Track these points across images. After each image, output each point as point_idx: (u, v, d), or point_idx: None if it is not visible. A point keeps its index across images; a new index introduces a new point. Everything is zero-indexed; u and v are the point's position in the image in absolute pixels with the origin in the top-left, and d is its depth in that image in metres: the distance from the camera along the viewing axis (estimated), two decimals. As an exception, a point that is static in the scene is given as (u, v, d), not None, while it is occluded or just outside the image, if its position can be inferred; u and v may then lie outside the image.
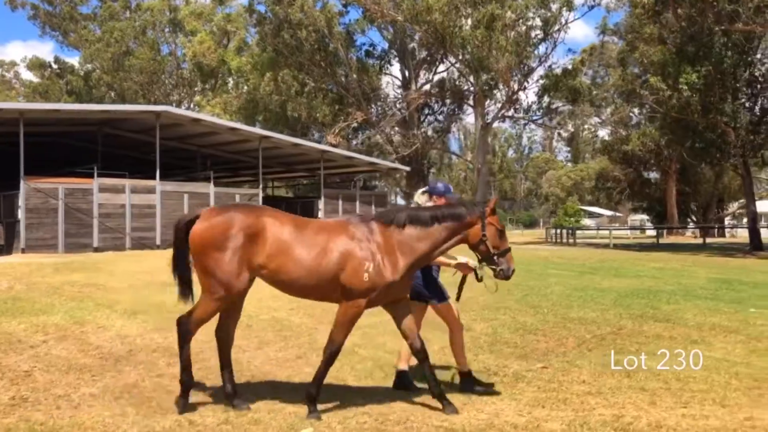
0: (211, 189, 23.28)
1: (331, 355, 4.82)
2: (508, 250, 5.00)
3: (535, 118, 39.02)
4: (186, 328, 4.80)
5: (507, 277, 4.98)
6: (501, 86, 34.06)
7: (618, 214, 74.66)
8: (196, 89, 48.59)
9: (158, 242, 21.12)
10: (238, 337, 5.44)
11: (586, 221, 65.26)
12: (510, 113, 38.59)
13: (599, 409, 4.87)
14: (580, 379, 5.80)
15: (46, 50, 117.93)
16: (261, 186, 26.10)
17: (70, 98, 51.90)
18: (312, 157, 27.35)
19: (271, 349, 6.96)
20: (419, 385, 5.42)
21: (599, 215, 73.48)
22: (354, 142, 36.63)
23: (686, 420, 4.59)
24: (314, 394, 4.77)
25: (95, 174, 20.67)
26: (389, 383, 5.63)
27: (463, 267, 5.39)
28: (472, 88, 37.37)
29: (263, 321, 8.28)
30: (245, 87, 38.51)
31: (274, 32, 35.01)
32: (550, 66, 36.11)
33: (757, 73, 28.50)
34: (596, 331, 7.95)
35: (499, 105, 36.85)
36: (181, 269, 4.93)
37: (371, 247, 4.75)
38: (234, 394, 4.96)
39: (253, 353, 6.77)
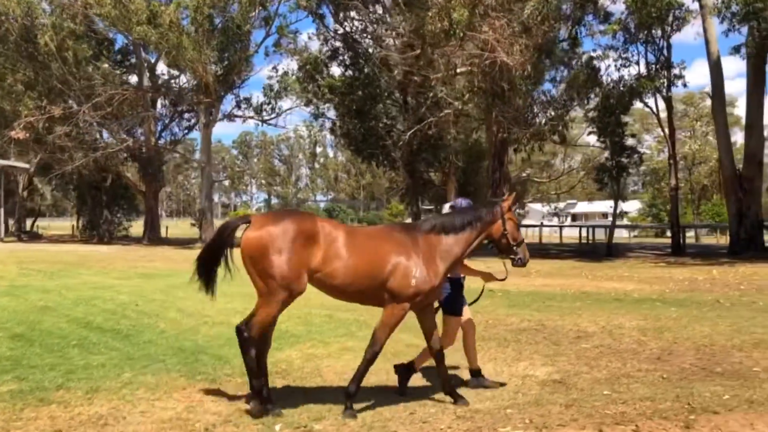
0: None
1: (374, 354, 5.12)
2: (523, 241, 5.52)
3: (267, 118, 38.81)
4: (247, 336, 4.90)
5: (524, 265, 5.49)
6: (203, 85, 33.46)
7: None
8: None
9: None
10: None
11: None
12: (240, 113, 38.39)
13: None
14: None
15: None
16: None
17: None
18: None
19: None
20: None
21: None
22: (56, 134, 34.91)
23: None
24: (353, 392, 5.04)
25: None
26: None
27: (489, 277, 5.82)
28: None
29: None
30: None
31: (-34, 20, 32.97)
32: (275, 67, 36.22)
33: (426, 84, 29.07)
34: None
35: (222, 105, 36.38)
36: (210, 266, 5.09)
37: (417, 254, 5.10)
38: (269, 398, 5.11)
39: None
